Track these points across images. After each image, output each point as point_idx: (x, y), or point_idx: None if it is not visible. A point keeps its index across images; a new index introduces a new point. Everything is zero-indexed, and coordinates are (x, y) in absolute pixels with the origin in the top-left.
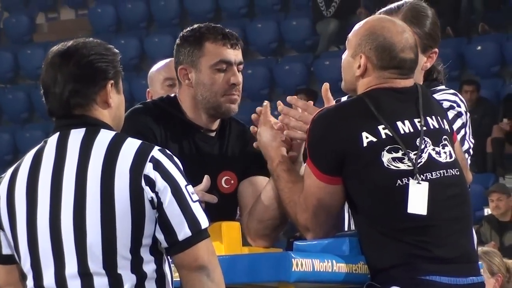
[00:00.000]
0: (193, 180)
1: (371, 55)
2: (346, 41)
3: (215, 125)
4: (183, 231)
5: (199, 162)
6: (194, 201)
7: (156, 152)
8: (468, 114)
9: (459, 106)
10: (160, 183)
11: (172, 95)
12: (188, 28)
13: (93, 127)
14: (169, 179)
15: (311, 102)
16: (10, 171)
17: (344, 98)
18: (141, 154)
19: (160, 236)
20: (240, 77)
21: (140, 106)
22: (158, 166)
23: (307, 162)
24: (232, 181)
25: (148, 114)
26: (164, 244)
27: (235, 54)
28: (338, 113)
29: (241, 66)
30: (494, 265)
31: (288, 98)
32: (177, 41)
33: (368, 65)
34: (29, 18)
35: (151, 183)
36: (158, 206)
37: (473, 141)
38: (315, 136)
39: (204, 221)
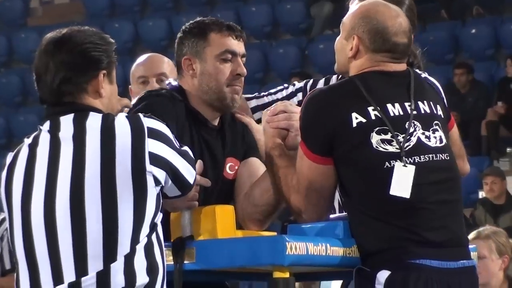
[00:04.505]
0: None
1: (364, 37)
2: (341, 25)
3: (217, 116)
4: (191, 176)
5: (208, 153)
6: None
7: (147, 122)
8: (443, 96)
9: None
10: (161, 150)
11: (174, 83)
12: (190, 22)
13: (81, 112)
14: (166, 141)
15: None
16: (9, 157)
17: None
18: (137, 130)
19: (172, 190)
20: (244, 68)
21: (156, 97)
22: (153, 134)
23: (300, 144)
24: (236, 167)
25: (166, 107)
26: (176, 193)
27: (239, 46)
28: (329, 94)
29: (244, 59)
30: (501, 245)
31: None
32: (179, 34)
33: (360, 47)
34: (23, 2)
35: (155, 159)
36: (165, 169)
37: None
38: (306, 117)
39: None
